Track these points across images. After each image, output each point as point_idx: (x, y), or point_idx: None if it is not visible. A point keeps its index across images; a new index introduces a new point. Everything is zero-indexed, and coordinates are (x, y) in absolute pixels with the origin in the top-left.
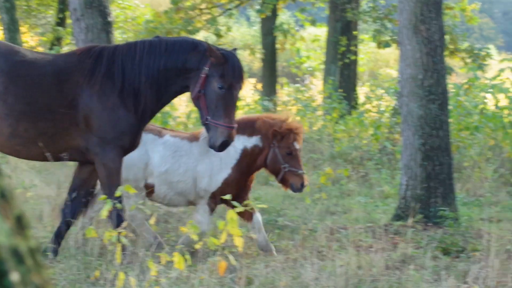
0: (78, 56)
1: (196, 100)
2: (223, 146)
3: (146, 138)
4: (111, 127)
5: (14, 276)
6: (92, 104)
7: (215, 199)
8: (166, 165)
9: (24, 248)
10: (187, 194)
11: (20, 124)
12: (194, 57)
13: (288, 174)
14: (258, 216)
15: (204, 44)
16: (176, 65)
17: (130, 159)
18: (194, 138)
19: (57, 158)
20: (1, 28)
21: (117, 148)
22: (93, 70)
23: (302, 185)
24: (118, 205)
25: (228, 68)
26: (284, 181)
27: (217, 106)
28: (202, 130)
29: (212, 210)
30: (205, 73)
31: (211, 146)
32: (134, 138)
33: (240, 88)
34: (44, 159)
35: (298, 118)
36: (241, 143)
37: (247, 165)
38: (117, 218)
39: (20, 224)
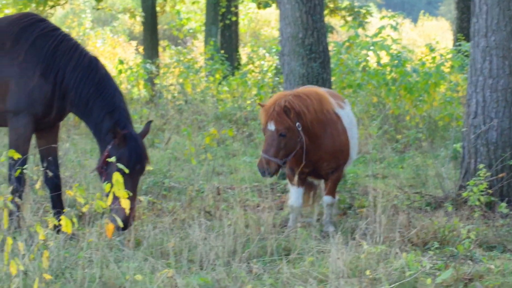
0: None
1: (99, 172)
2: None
3: None
4: (25, 95)
5: None
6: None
7: (289, 169)
8: None
9: None
10: None
11: None
12: (107, 121)
13: None
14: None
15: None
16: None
17: None
18: None
19: None
20: None
21: (29, 116)
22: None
23: (259, 168)
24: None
25: (126, 152)
26: None
27: None
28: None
29: (291, 181)
30: (108, 151)
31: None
32: (49, 108)
33: (141, 171)
34: None
35: (181, 80)
36: None
37: None
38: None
39: None
